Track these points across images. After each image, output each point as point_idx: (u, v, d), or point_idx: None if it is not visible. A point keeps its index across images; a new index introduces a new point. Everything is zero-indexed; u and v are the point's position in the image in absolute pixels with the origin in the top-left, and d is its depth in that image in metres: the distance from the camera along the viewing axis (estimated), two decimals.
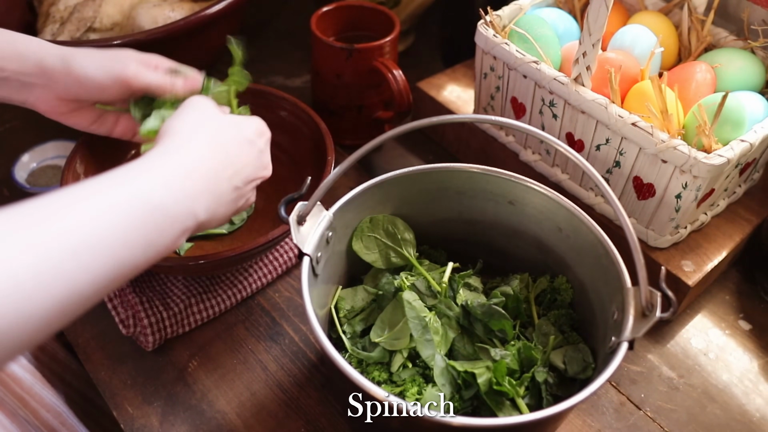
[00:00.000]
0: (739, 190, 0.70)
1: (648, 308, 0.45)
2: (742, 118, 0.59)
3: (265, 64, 0.97)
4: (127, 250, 0.38)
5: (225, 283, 0.66)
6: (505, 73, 0.70)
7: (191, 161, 0.45)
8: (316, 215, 0.52)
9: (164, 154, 0.44)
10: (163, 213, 0.41)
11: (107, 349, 0.63)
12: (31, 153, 0.80)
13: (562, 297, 0.58)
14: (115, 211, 0.38)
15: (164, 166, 0.43)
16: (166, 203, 0.41)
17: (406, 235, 0.59)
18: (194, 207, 0.43)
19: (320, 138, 0.69)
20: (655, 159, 0.59)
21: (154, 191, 0.41)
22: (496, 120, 0.51)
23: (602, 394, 0.61)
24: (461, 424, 0.41)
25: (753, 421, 0.60)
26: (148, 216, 0.40)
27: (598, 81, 0.63)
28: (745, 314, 0.68)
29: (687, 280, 0.63)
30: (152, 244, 0.40)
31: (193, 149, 0.46)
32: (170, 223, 0.41)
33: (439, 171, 0.59)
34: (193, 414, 0.59)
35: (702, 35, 0.70)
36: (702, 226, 0.67)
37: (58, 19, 0.82)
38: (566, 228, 0.57)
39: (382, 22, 0.80)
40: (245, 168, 0.49)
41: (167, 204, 0.41)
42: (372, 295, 0.58)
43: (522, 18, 0.70)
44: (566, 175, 0.70)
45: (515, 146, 0.74)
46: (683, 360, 0.64)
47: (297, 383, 0.61)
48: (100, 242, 0.36)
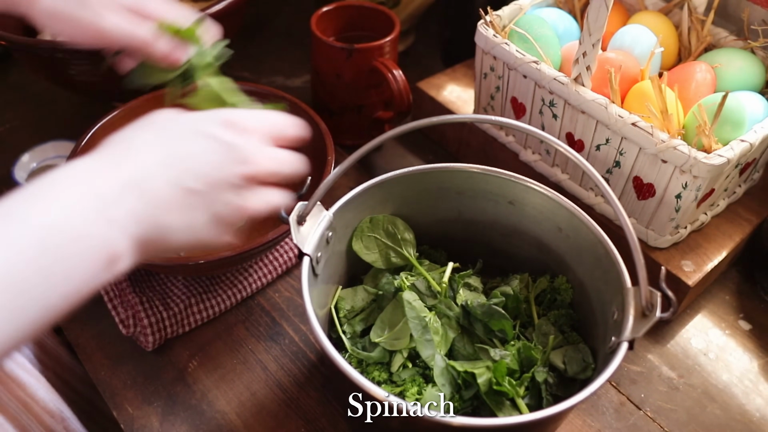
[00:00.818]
0: (739, 190, 0.70)
1: (648, 308, 0.45)
2: (742, 118, 0.59)
3: (265, 64, 0.97)
4: (25, 288, 0.31)
5: (225, 283, 0.66)
6: (505, 73, 0.70)
7: (101, 167, 0.37)
8: (316, 215, 0.52)
9: (68, 167, 0.36)
10: (63, 235, 0.33)
11: (107, 349, 0.63)
12: (31, 153, 0.80)
13: (562, 297, 0.58)
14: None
15: (65, 180, 0.35)
16: (63, 223, 0.33)
17: (406, 235, 0.59)
18: (114, 220, 0.35)
19: (320, 138, 0.69)
20: (655, 159, 0.59)
21: (47, 212, 0.33)
22: (496, 120, 0.51)
23: (602, 394, 0.61)
24: (461, 424, 0.41)
25: (753, 421, 0.60)
26: (42, 242, 0.32)
27: (598, 81, 0.63)
28: (745, 314, 0.68)
29: (687, 280, 0.63)
30: (59, 277, 0.33)
31: (108, 154, 0.38)
32: (80, 247, 0.33)
33: (439, 171, 0.59)
34: (193, 414, 0.59)
35: (702, 35, 0.70)
36: (702, 226, 0.67)
37: None
38: (566, 228, 0.57)
39: (382, 22, 0.80)
40: (201, 166, 0.40)
41: (68, 224, 0.33)
42: (372, 295, 0.58)
43: (522, 18, 0.70)
44: (566, 175, 0.70)
45: (515, 146, 0.74)
46: (683, 360, 0.64)
47: (297, 383, 0.61)
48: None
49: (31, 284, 0.32)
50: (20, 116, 0.88)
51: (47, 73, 0.79)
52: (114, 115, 0.71)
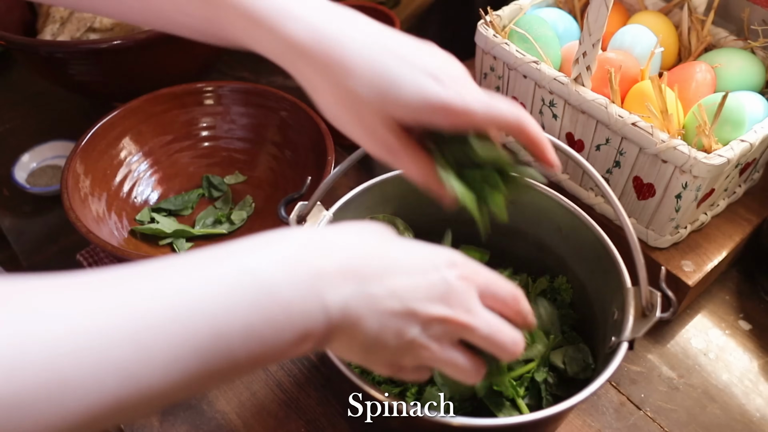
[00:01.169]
0: (739, 190, 0.70)
1: (648, 308, 0.45)
2: (742, 118, 0.59)
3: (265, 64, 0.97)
4: (220, 340, 0.29)
5: None
6: (505, 73, 0.70)
7: (329, 242, 0.34)
8: (316, 215, 0.52)
9: (291, 231, 0.34)
10: (273, 296, 0.31)
11: None
12: (31, 153, 0.80)
13: (562, 297, 0.58)
14: (205, 284, 0.30)
15: (287, 240, 0.33)
16: (280, 283, 0.31)
17: (406, 235, 0.59)
18: (323, 296, 0.32)
19: (320, 138, 0.69)
20: (655, 159, 0.59)
21: (262, 267, 0.31)
22: None
23: (602, 394, 0.61)
24: (461, 424, 0.41)
25: (753, 421, 0.60)
26: (253, 296, 0.30)
27: (598, 81, 0.63)
28: (745, 314, 0.68)
29: (687, 280, 0.63)
30: (257, 336, 0.30)
31: (339, 233, 0.35)
32: (285, 314, 0.31)
33: None
34: (193, 414, 0.59)
35: (702, 35, 0.70)
36: (702, 226, 0.67)
37: (58, 19, 0.82)
38: (566, 228, 0.57)
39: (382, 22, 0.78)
40: (415, 291, 0.35)
41: (281, 284, 0.31)
42: None
43: (522, 18, 0.70)
44: (566, 175, 0.70)
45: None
46: (683, 360, 0.64)
47: (297, 383, 0.61)
48: (174, 323, 0.28)
49: (231, 338, 0.30)
50: (20, 116, 0.88)
51: (47, 73, 0.79)
52: (114, 115, 0.71)
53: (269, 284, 0.31)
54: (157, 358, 0.28)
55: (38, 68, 0.79)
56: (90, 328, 0.26)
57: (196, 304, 0.29)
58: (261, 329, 0.30)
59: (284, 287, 0.31)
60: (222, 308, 0.29)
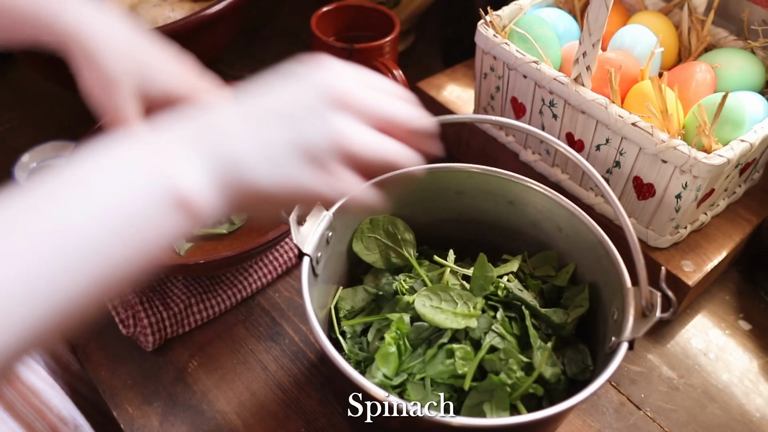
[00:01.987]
0: (739, 190, 0.70)
1: (648, 308, 0.45)
2: (742, 118, 0.59)
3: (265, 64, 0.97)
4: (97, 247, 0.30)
5: (225, 283, 0.66)
6: (505, 73, 0.70)
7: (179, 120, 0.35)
8: (316, 215, 0.52)
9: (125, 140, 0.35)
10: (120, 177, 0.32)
11: (107, 349, 0.63)
12: (31, 153, 0.80)
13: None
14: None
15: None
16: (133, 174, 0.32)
17: (406, 236, 0.59)
18: (176, 157, 0.33)
19: None
20: (655, 159, 0.59)
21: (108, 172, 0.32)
22: (496, 120, 0.51)
23: (602, 394, 0.61)
24: (461, 424, 0.41)
25: (753, 421, 0.60)
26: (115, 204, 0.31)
27: (598, 81, 0.63)
28: (745, 314, 0.68)
29: (687, 280, 0.63)
30: (126, 231, 0.31)
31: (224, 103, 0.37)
32: (141, 192, 0.31)
33: (439, 171, 0.59)
34: (193, 414, 0.59)
35: (702, 35, 0.70)
36: (702, 226, 0.67)
37: None
38: (566, 228, 0.57)
39: (382, 22, 0.80)
40: (307, 128, 0.36)
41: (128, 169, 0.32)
42: (372, 295, 0.58)
43: (522, 18, 0.70)
44: (566, 175, 0.70)
45: (515, 146, 0.74)
46: (683, 360, 0.64)
47: (297, 383, 0.61)
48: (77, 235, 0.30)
49: (102, 241, 0.30)
50: (20, 116, 0.88)
51: (47, 73, 0.79)
52: None
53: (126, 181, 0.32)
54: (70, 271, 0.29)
55: (38, 68, 0.79)
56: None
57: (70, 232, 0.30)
58: (132, 222, 0.31)
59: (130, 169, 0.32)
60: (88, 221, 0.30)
